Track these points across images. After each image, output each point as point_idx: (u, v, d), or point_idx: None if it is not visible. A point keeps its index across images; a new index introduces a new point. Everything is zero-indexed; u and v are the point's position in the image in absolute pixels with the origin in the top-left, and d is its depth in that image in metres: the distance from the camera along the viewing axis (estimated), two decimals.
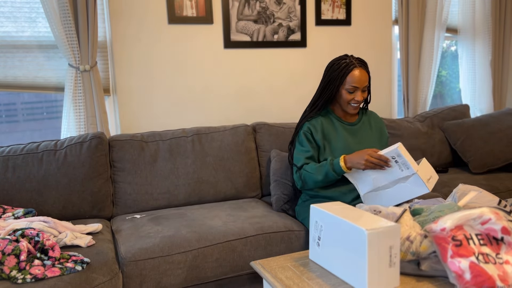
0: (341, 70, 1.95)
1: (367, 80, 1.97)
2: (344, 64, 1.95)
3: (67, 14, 2.33)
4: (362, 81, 1.95)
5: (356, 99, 1.96)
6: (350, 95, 1.97)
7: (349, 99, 1.97)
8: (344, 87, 1.97)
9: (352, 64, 1.95)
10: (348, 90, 1.96)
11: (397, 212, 1.41)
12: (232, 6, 2.77)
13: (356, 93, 1.96)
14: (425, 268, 1.27)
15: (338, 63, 1.98)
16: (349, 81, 1.94)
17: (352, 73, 1.94)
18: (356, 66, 1.95)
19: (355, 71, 1.94)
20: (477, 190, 1.49)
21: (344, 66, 1.95)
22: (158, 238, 1.88)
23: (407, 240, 1.28)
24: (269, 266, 1.42)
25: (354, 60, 1.96)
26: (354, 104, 1.99)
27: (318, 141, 2.02)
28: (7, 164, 2.15)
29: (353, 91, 1.96)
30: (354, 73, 1.94)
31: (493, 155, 2.78)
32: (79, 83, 2.43)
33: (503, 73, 3.62)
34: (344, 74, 1.95)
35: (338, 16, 3.06)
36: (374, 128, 2.13)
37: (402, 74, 3.28)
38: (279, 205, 2.25)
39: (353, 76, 1.94)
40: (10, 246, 1.57)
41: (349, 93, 1.96)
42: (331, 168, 1.89)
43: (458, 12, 3.50)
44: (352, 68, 1.94)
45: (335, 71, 1.97)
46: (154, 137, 2.43)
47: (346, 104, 2.00)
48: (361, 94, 1.97)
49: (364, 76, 1.96)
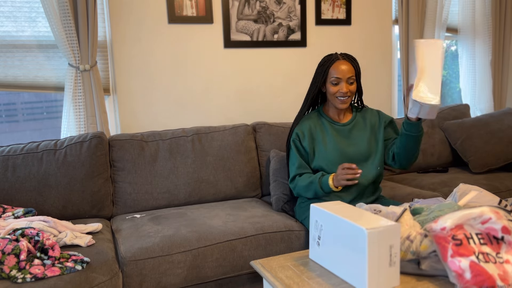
0: (324, 64, 2.00)
1: (350, 71, 1.96)
2: (328, 58, 2.00)
3: (67, 14, 2.33)
4: (345, 72, 1.95)
5: (341, 91, 1.96)
6: (335, 87, 1.97)
7: (335, 91, 1.97)
8: (328, 81, 1.99)
9: (335, 57, 1.99)
10: (332, 82, 1.97)
11: (397, 211, 1.41)
12: (232, 5, 2.77)
13: (340, 85, 1.97)
14: (425, 267, 1.27)
15: (323, 59, 2.03)
16: (332, 73, 1.97)
17: (334, 65, 1.97)
18: (339, 59, 1.98)
19: (337, 63, 1.97)
20: (478, 189, 1.48)
21: (327, 60, 2.00)
22: (158, 237, 1.88)
23: (407, 240, 1.28)
24: (269, 265, 1.42)
25: (338, 55, 2.00)
26: (341, 97, 1.97)
27: (306, 148, 2.03)
28: (7, 164, 2.15)
29: (337, 83, 1.97)
30: (336, 64, 1.97)
31: (493, 155, 2.78)
32: (79, 82, 2.43)
33: (503, 72, 3.62)
34: (327, 67, 1.98)
35: (338, 15, 3.06)
36: (368, 126, 2.07)
37: (402, 74, 3.28)
38: (279, 205, 2.25)
39: (335, 68, 1.96)
40: (10, 246, 1.57)
41: (333, 85, 1.97)
42: (319, 187, 1.93)
43: (458, 12, 3.50)
44: (334, 60, 1.98)
45: (320, 67, 2.02)
46: (154, 137, 2.43)
47: (333, 98, 1.99)
48: (346, 85, 1.96)
49: (347, 67, 1.96)
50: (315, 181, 1.94)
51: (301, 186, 1.99)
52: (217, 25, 2.77)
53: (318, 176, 1.94)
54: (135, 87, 2.65)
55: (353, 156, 2.01)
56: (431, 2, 3.23)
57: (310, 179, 1.96)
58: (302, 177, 2.01)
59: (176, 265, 1.82)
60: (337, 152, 2.00)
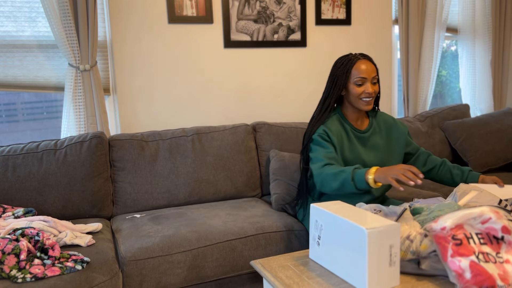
0: (345, 65, 1.88)
1: (374, 70, 1.87)
2: (347, 59, 1.89)
3: (67, 14, 2.33)
4: (369, 71, 1.86)
5: (367, 91, 1.85)
6: (359, 88, 1.86)
7: (359, 92, 1.85)
8: (351, 82, 1.87)
9: (355, 57, 1.88)
10: (356, 83, 1.85)
11: (397, 211, 1.41)
12: (232, 5, 2.77)
13: (365, 85, 1.86)
14: (425, 267, 1.27)
15: (341, 60, 1.91)
16: (355, 73, 1.86)
17: (357, 65, 1.86)
18: (359, 59, 1.88)
19: (359, 62, 1.87)
20: (478, 189, 1.48)
21: (347, 61, 1.88)
22: (158, 237, 1.88)
23: (407, 239, 1.28)
24: (269, 265, 1.42)
25: (357, 54, 1.90)
26: (366, 98, 1.86)
27: (335, 144, 1.87)
28: (7, 164, 2.15)
29: (362, 83, 1.85)
30: (359, 64, 1.86)
31: (493, 155, 2.78)
32: (79, 82, 2.43)
33: (503, 72, 3.62)
34: (348, 68, 1.87)
35: (338, 15, 3.06)
36: (384, 133, 1.99)
37: (402, 74, 3.28)
38: (279, 204, 2.25)
39: (359, 68, 1.85)
40: (10, 246, 1.57)
41: (358, 86, 1.86)
42: (351, 177, 1.65)
43: (458, 11, 3.50)
44: (355, 60, 1.87)
45: (339, 68, 1.89)
46: (154, 137, 2.43)
47: (357, 99, 1.87)
48: (371, 86, 1.86)
49: (370, 66, 1.87)
50: (347, 170, 1.68)
51: (328, 173, 1.73)
52: (217, 25, 2.77)
53: (353, 167, 1.69)
54: (135, 87, 2.65)
55: (371, 164, 1.91)
56: (431, 2, 3.23)
57: (342, 168, 1.71)
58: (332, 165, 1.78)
59: (176, 265, 1.82)
60: (357, 161, 1.90)
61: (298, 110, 3.06)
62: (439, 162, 2.02)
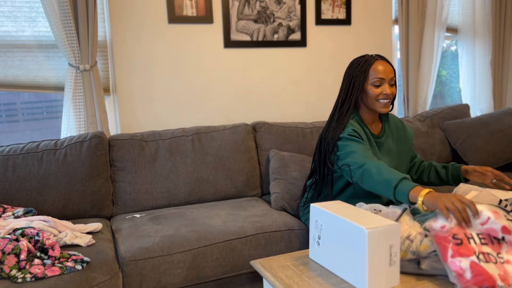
0: (362, 65, 1.82)
1: (392, 71, 1.82)
2: (363, 60, 1.84)
3: (67, 14, 2.33)
4: (387, 72, 1.80)
5: (385, 92, 1.79)
6: (377, 89, 1.80)
7: (377, 93, 1.80)
8: (369, 83, 1.81)
9: (372, 58, 1.84)
10: (374, 84, 1.79)
11: (397, 211, 1.41)
12: (232, 5, 2.77)
13: (383, 86, 1.80)
14: (425, 267, 1.27)
15: (358, 60, 1.86)
16: (372, 74, 1.79)
17: (374, 66, 1.80)
18: (377, 59, 1.83)
19: (376, 63, 1.81)
20: (478, 189, 1.48)
21: (364, 62, 1.83)
22: (158, 237, 1.88)
23: (407, 239, 1.28)
24: (269, 265, 1.42)
25: (374, 55, 1.86)
26: (384, 100, 1.80)
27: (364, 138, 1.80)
28: (7, 164, 2.15)
29: (380, 84, 1.80)
30: (376, 65, 1.80)
31: (493, 155, 2.78)
32: (79, 82, 2.43)
33: (503, 72, 3.62)
34: (366, 68, 1.81)
35: (338, 15, 3.06)
36: (395, 137, 1.96)
37: (402, 74, 3.28)
38: (278, 204, 2.25)
39: (376, 68, 1.80)
40: (10, 245, 1.57)
41: (375, 87, 1.80)
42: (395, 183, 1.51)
43: (458, 11, 3.50)
44: (372, 61, 1.81)
45: (356, 68, 1.83)
46: (154, 137, 2.43)
47: (374, 101, 1.81)
48: (389, 87, 1.81)
49: (388, 67, 1.81)
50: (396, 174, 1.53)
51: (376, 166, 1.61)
52: (217, 25, 2.77)
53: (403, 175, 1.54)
54: (135, 87, 2.65)
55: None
56: (431, 2, 3.23)
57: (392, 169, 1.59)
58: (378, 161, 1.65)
59: (176, 265, 1.82)
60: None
61: (298, 110, 3.06)
62: (426, 165, 2.02)
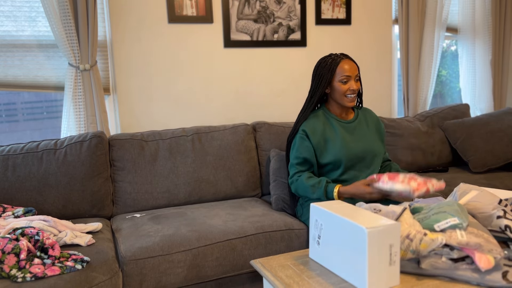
0: (330, 65, 2.02)
1: (356, 69, 2.03)
2: (330, 59, 2.04)
3: (67, 13, 2.33)
4: (353, 70, 2.02)
5: (351, 88, 2.01)
6: (344, 86, 2.01)
7: (345, 89, 2.01)
8: (336, 80, 2.02)
9: (338, 57, 2.04)
10: (342, 81, 2.01)
11: (397, 210, 1.41)
12: (232, 5, 2.77)
13: (350, 83, 2.01)
14: (425, 266, 1.27)
15: (324, 60, 2.06)
16: (339, 72, 2.01)
17: (341, 65, 2.02)
18: (342, 59, 2.03)
19: (343, 62, 2.02)
20: (478, 189, 1.48)
21: (331, 61, 2.03)
22: (158, 237, 1.88)
23: (407, 239, 1.28)
24: (269, 264, 1.42)
25: (339, 54, 2.06)
26: (351, 94, 2.02)
27: (314, 144, 2.04)
28: (7, 163, 2.15)
29: (347, 81, 2.01)
30: (343, 63, 2.02)
31: (493, 154, 2.78)
32: (79, 82, 2.43)
33: (503, 72, 3.62)
34: (333, 67, 2.02)
35: (338, 15, 3.06)
36: (370, 125, 2.16)
37: (402, 74, 3.28)
38: (279, 205, 2.25)
39: (343, 67, 2.01)
40: (10, 245, 1.57)
41: (343, 84, 2.01)
42: (324, 195, 1.93)
43: (458, 11, 3.50)
44: (339, 60, 2.03)
45: (324, 68, 2.04)
46: (154, 136, 2.43)
47: (342, 96, 2.03)
48: (355, 83, 2.03)
49: (353, 65, 2.03)
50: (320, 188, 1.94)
51: (305, 186, 1.98)
52: (217, 24, 2.77)
53: (323, 183, 1.94)
54: (135, 86, 2.65)
55: (359, 152, 2.05)
56: (431, 2, 3.23)
57: (315, 182, 1.96)
58: (304, 176, 2.00)
59: (176, 264, 1.82)
60: (345, 149, 2.03)
61: (298, 109, 3.06)
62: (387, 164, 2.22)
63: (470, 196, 1.44)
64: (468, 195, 1.45)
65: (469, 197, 1.44)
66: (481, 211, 1.38)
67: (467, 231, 1.26)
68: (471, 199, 1.44)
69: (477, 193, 1.45)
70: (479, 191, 1.46)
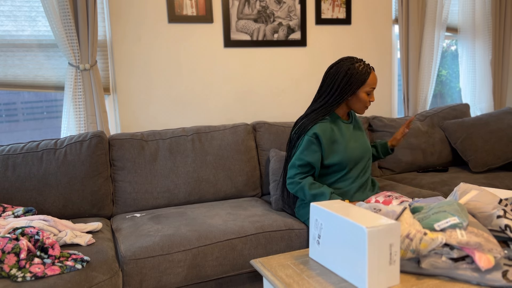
0: (362, 74, 1.98)
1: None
2: (362, 67, 1.99)
3: (67, 13, 2.33)
4: (376, 82, 2.04)
5: (371, 100, 2.04)
6: (367, 97, 2.02)
7: (367, 100, 2.02)
8: (363, 90, 2.00)
9: (368, 67, 2.01)
10: (367, 92, 2.01)
11: (397, 210, 1.41)
12: (232, 5, 2.77)
13: (371, 95, 2.04)
14: (425, 266, 1.27)
15: (355, 67, 1.98)
16: (369, 83, 2.00)
17: (371, 76, 2.00)
18: (372, 69, 2.02)
19: (373, 74, 2.01)
20: (478, 188, 1.48)
21: (364, 70, 1.98)
22: (158, 236, 1.88)
23: (407, 238, 1.28)
24: (269, 264, 1.42)
25: (369, 65, 2.03)
26: (368, 106, 2.05)
27: (324, 146, 2.00)
28: (7, 163, 2.15)
29: (370, 93, 2.03)
30: (373, 76, 2.01)
31: (493, 154, 2.78)
32: (79, 82, 2.43)
33: (503, 72, 3.62)
34: (365, 77, 1.98)
35: (338, 15, 3.06)
36: (360, 126, 2.19)
37: (402, 73, 3.28)
38: (279, 205, 2.25)
39: (373, 79, 2.00)
40: (10, 245, 1.57)
41: (367, 95, 2.02)
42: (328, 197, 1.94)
43: (458, 11, 3.50)
44: (370, 71, 2.00)
45: (355, 75, 1.97)
46: (154, 136, 2.43)
47: (361, 105, 2.03)
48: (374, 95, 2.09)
49: (376, 77, 2.04)
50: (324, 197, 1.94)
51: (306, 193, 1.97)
52: (217, 24, 2.77)
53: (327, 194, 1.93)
54: (135, 86, 2.65)
55: (360, 152, 2.07)
56: (431, 2, 3.22)
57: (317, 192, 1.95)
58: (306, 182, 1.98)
59: (176, 264, 1.82)
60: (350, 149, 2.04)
61: (298, 109, 3.06)
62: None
63: (470, 196, 1.44)
64: (468, 195, 1.45)
65: (469, 196, 1.44)
66: (481, 210, 1.38)
67: (467, 230, 1.26)
68: (471, 199, 1.44)
69: (477, 192, 1.45)
70: (479, 190, 1.46)
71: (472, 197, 1.44)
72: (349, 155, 2.03)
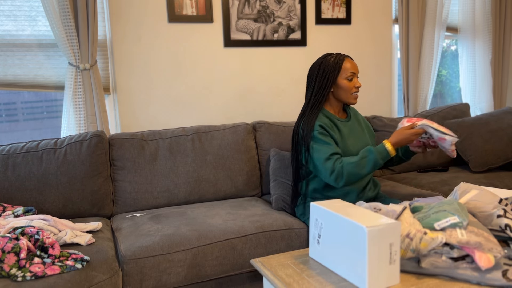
0: (334, 63, 2.02)
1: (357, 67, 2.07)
2: (333, 58, 2.04)
3: (67, 13, 2.33)
4: (355, 67, 2.04)
5: (356, 85, 2.03)
6: (350, 83, 2.02)
7: (351, 86, 2.02)
8: (342, 78, 2.02)
9: (340, 55, 2.05)
10: (348, 78, 2.02)
11: (397, 209, 1.41)
12: (232, 4, 2.77)
13: (354, 80, 2.03)
14: (425, 265, 1.27)
15: (325, 60, 2.04)
16: (345, 69, 2.02)
17: (345, 63, 2.03)
18: (345, 57, 2.05)
19: (346, 60, 2.04)
20: (478, 188, 1.48)
21: (335, 60, 2.03)
22: (158, 236, 1.88)
23: (407, 237, 1.28)
24: (269, 264, 1.42)
25: (340, 54, 2.07)
26: (356, 92, 2.04)
27: (331, 133, 1.99)
28: (7, 163, 2.15)
29: (352, 78, 2.03)
30: (346, 62, 2.03)
31: (493, 154, 2.78)
32: (79, 81, 2.43)
33: (503, 72, 3.62)
34: (338, 65, 2.02)
35: (338, 15, 3.06)
36: (362, 124, 2.17)
37: (402, 73, 3.28)
38: (279, 205, 2.25)
39: (347, 65, 2.02)
40: (10, 244, 1.57)
41: (349, 81, 2.02)
42: (379, 158, 1.90)
43: (458, 11, 3.50)
44: (342, 58, 2.04)
45: (327, 66, 2.02)
46: (154, 136, 2.43)
47: (348, 94, 2.03)
48: (358, 81, 2.07)
49: (355, 63, 2.06)
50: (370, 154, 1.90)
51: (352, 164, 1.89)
52: (217, 24, 2.77)
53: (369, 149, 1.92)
54: (135, 86, 2.65)
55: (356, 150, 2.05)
56: (431, 2, 3.22)
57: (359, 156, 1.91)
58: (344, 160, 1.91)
59: (176, 263, 1.82)
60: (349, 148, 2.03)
61: (298, 109, 3.06)
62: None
63: (470, 195, 1.44)
64: (468, 194, 1.45)
65: (469, 196, 1.44)
66: (481, 210, 1.38)
67: (467, 230, 1.26)
68: (471, 198, 1.44)
69: (477, 192, 1.45)
70: (479, 190, 1.46)
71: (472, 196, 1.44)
72: (347, 153, 2.01)
